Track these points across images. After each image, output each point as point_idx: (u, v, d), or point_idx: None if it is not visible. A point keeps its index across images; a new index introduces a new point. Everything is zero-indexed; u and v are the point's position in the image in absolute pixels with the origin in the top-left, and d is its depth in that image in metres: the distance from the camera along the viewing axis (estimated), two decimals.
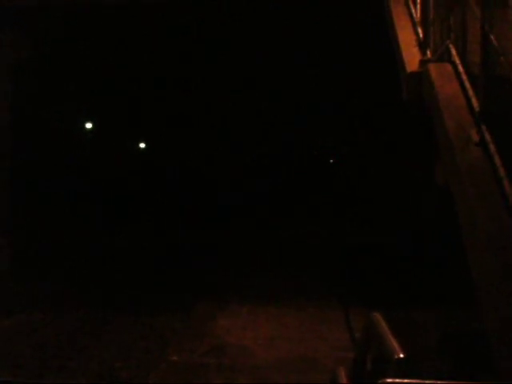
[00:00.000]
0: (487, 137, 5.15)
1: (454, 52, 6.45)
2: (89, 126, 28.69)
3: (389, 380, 1.85)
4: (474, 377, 4.61)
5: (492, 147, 5.04)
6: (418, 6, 8.29)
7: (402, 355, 1.97)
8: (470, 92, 5.75)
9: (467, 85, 5.87)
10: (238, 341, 9.25)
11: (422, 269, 13.38)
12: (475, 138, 5.26)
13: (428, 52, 7.34)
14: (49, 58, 18.81)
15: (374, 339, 2.18)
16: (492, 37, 5.34)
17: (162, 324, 10.22)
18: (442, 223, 12.68)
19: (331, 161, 33.45)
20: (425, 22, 7.81)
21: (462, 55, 6.29)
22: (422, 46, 7.61)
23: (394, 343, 2.05)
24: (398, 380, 1.86)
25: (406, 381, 1.87)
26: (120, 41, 19.60)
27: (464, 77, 6.00)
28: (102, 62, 21.74)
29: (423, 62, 7.13)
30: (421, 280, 12.49)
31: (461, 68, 6.13)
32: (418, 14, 8.28)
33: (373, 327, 2.26)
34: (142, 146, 34.64)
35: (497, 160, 4.90)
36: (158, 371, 8.01)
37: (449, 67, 6.40)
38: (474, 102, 5.58)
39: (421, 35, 7.87)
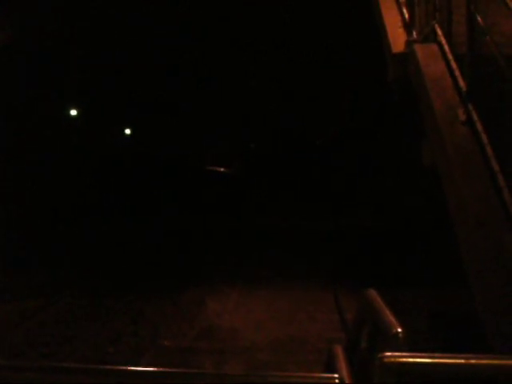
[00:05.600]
0: (474, 116, 5.18)
1: (439, 32, 6.45)
2: (73, 112, 28.49)
3: (388, 353, 1.86)
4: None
5: (479, 126, 5.06)
6: None
7: (400, 329, 1.99)
8: (457, 72, 5.77)
9: (453, 65, 5.88)
10: (229, 324, 9.29)
11: (412, 250, 13.46)
12: (462, 117, 5.28)
13: (414, 32, 7.34)
14: (31, 43, 18.66)
15: (369, 315, 2.20)
16: (478, 17, 5.35)
17: (152, 309, 10.23)
18: (430, 204, 12.74)
19: (317, 142, 33.37)
20: (410, 2, 7.82)
21: (448, 35, 6.30)
22: (408, 26, 7.61)
23: (392, 318, 2.07)
24: (397, 353, 1.87)
25: (405, 354, 1.90)
26: (105, 25, 19.47)
27: (450, 57, 6.01)
28: (87, 47, 21.59)
29: (409, 43, 7.13)
30: (411, 262, 12.57)
31: (447, 48, 6.14)
32: None
33: (368, 303, 2.27)
34: (128, 132, 34.45)
35: (484, 139, 4.93)
36: (149, 355, 8.03)
37: (435, 47, 6.40)
38: (461, 82, 5.60)
39: (406, 16, 7.87)
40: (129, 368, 2.16)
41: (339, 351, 2.08)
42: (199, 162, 32.52)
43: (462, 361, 1.85)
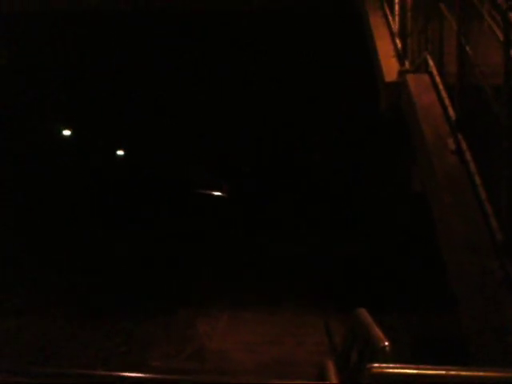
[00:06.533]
0: (463, 145, 5.32)
1: (431, 63, 6.62)
2: (67, 133, 28.69)
3: (376, 365, 2.01)
4: None
5: (468, 155, 5.20)
6: (396, 18, 8.49)
7: (387, 343, 2.13)
8: (447, 102, 5.92)
9: (444, 95, 6.04)
10: (219, 346, 9.36)
11: (398, 275, 13.56)
12: (452, 146, 5.43)
13: (406, 62, 7.53)
14: (26, 66, 18.86)
15: (360, 331, 2.32)
16: (468, 48, 5.52)
17: (142, 330, 10.27)
18: (417, 229, 12.89)
19: (314, 159, 33.30)
20: (403, 33, 8.01)
21: (439, 66, 6.47)
22: (400, 56, 7.80)
23: (380, 333, 2.20)
24: (384, 364, 2.03)
25: (391, 365, 2.05)
26: (97, 47, 19.66)
27: (441, 87, 6.17)
28: (80, 68, 21.78)
29: (401, 73, 7.30)
30: (398, 286, 12.66)
31: (438, 78, 6.30)
32: (396, 26, 8.48)
33: (358, 320, 2.40)
34: (121, 153, 34.58)
35: (472, 167, 5.06)
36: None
37: (426, 78, 6.57)
38: (451, 112, 5.75)
39: (399, 46, 8.05)
40: (128, 374, 2.26)
41: (330, 364, 2.22)
42: (190, 185, 32.53)
43: (443, 372, 2.04)
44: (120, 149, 34.11)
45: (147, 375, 2.31)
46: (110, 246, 19.28)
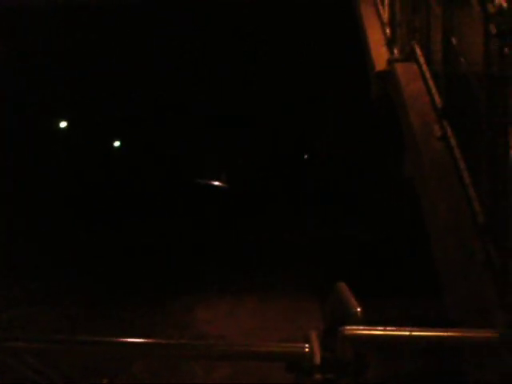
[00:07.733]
0: (449, 131, 5.50)
1: (418, 52, 6.78)
2: (63, 124, 28.80)
3: (347, 327, 2.32)
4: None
5: (453, 141, 5.38)
6: (386, 7, 8.65)
7: (359, 309, 2.39)
8: (434, 90, 6.09)
9: (431, 83, 6.21)
10: (218, 331, 9.54)
11: (392, 260, 13.76)
12: (438, 132, 5.61)
13: (395, 51, 7.69)
14: (21, 57, 18.96)
15: (337, 302, 2.56)
16: (452, 36, 5.67)
17: (141, 317, 10.45)
18: (409, 215, 13.08)
19: (305, 156, 33.65)
20: (392, 22, 8.16)
21: (427, 54, 6.63)
22: (390, 45, 7.95)
23: (353, 301, 2.45)
24: (354, 327, 2.33)
25: (361, 327, 2.35)
26: (94, 38, 19.74)
27: (428, 75, 6.34)
28: (76, 60, 21.85)
29: (390, 62, 7.46)
30: (391, 271, 12.87)
31: (425, 67, 6.46)
32: (386, 15, 8.63)
33: (338, 293, 2.62)
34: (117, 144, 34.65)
35: (457, 153, 5.24)
36: (140, 362, 8.23)
37: (414, 66, 6.74)
38: (437, 99, 5.92)
39: (388, 35, 8.21)
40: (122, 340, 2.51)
41: (313, 334, 2.46)
42: (190, 175, 32.66)
43: (407, 333, 2.32)
44: (117, 140, 34.20)
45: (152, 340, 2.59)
46: (109, 238, 19.41)
